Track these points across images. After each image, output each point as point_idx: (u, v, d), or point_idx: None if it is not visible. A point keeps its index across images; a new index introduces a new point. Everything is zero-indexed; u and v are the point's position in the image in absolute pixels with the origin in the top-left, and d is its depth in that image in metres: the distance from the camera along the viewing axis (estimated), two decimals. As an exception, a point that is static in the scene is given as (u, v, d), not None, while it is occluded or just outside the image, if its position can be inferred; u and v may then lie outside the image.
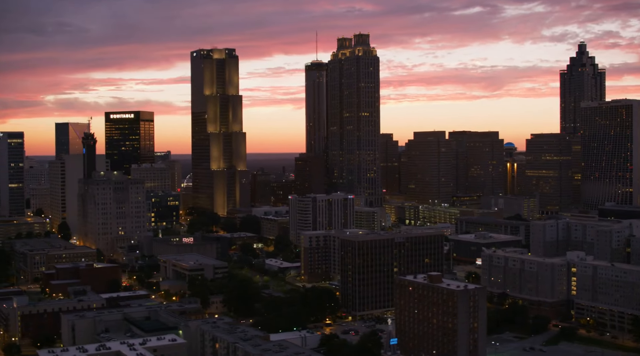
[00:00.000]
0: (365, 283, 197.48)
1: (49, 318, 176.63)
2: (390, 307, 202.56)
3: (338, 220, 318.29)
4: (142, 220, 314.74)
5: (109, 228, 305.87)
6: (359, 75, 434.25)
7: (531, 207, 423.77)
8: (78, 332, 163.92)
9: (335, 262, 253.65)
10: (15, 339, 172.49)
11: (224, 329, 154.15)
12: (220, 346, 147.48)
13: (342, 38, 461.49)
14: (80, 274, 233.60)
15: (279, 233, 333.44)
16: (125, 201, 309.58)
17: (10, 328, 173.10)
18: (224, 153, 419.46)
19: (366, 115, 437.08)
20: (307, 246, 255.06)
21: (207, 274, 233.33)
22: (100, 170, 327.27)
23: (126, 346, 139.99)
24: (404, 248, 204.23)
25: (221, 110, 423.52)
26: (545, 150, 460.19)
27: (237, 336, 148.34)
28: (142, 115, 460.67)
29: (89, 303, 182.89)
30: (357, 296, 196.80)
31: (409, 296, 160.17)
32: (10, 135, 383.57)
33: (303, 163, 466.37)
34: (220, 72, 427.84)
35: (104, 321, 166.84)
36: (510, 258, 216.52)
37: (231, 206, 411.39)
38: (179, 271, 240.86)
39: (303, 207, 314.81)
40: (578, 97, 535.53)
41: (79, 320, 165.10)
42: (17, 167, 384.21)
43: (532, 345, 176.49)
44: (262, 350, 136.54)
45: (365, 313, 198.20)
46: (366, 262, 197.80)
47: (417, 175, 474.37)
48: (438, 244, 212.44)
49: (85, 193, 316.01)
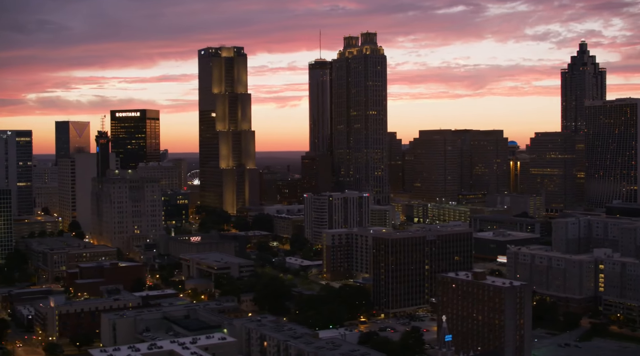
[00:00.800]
0: (398, 280, 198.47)
1: (85, 317, 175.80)
2: (422, 304, 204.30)
3: (353, 218, 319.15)
4: (158, 218, 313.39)
5: (124, 227, 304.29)
6: (367, 74, 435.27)
7: (537, 205, 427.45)
8: (119, 331, 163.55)
9: (357, 259, 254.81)
10: (53, 338, 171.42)
11: (270, 327, 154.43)
12: (269, 344, 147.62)
13: (349, 37, 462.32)
14: (104, 273, 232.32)
15: (293, 231, 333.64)
16: (141, 200, 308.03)
17: (48, 327, 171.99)
18: (233, 151, 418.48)
19: (374, 113, 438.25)
20: (329, 244, 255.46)
21: (233, 272, 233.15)
22: (111, 169, 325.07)
23: (177, 345, 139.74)
24: (434, 246, 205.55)
25: (230, 109, 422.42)
26: (550, 148, 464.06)
27: (286, 334, 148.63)
28: (148, 114, 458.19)
29: (125, 302, 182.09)
30: (390, 294, 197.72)
31: (452, 294, 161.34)
32: (19, 133, 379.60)
33: (310, 162, 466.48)
34: (229, 70, 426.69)
35: (145, 321, 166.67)
36: (537, 255, 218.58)
37: (240, 204, 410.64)
38: (204, 269, 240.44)
39: (319, 205, 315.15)
40: (579, 96, 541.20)
41: (119, 319, 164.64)
42: (26, 165, 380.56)
43: (566, 341, 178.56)
44: (316, 347, 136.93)
45: (398, 310, 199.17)
46: (399, 259, 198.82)
47: (423, 174, 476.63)
48: (467, 242, 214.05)
49: (100, 191, 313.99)
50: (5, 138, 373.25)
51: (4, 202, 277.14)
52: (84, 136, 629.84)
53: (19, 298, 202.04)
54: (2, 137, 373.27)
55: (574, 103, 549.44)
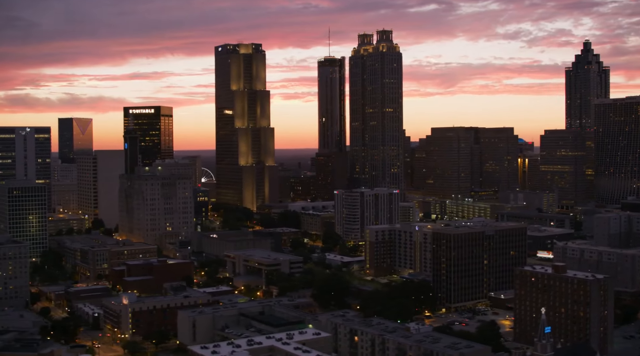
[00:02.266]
0: (459, 275, 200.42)
1: (157, 315, 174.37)
2: (481, 299, 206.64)
3: (384, 215, 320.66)
4: (189, 216, 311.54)
5: (157, 224, 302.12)
6: (384, 71, 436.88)
7: (550, 202, 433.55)
8: (198, 329, 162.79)
9: (401, 255, 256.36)
10: (126, 336, 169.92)
11: (359, 321, 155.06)
12: (362, 339, 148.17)
13: (364, 34, 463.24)
14: (153, 270, 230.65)
15: (322, 228, 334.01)
16: (173, 197, 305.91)
17: (122, 325, 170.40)
18: (253, 148, 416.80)
19: (390, 111, 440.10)
20: (372, 240, 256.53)
21: (283, 269, 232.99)
22: (140, 165, 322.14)
23: (274, 341, 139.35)
24: (492, 240, 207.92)
25: (249, 106, 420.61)
26: (561, 145, 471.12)
27: (378, 328, 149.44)
28: (162, 111, 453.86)
29: (195, 299, 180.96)
30: (452, 289, 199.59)
31: (530, 287, 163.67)
32: (38, 130, 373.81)
33: (325, 159, 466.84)
34: (247, 67, 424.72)
35: (223, 317, 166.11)
36: (586, 249, 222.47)
37: (260, 202, 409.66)
38: (253, 266, 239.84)
39: (351, 201, 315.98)
40: (584, 94, 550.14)
41: (199, 316, 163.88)
42: (44, 162, 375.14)
43: (630, 333, 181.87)
44: (417, 341, 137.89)
45: (459, 304, 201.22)
46: (460, 254, 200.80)
47: (436, 171, 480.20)
48: (521, 237, 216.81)
49: (130, 188, 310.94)
50: (24, 134, 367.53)
51: (39, 199, 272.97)
52: (87, 133, 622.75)
53: (77, 296, 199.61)
54: (21, 133, 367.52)
55: (579, 101, 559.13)
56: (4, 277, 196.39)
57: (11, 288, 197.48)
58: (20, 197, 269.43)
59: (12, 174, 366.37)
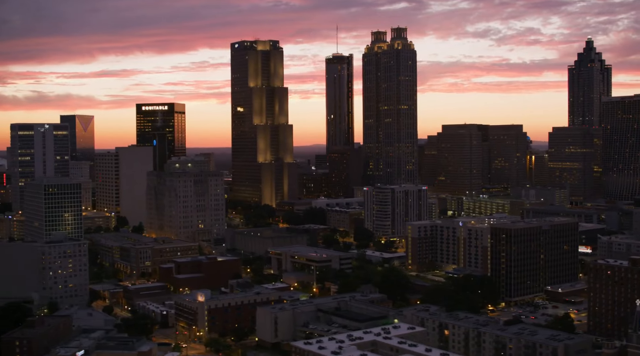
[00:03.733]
0: (519, 269, 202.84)
1: (232, 312, 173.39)
2: (538, 293, 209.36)
3: (413, 211, 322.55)
4: (220, 213, 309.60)
5: (190, 221, 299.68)
6: (399, 69, 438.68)
7: (562, 198, 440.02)
8: (280, 325, 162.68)
9: (443, 251, 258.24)
10: (202, 333, 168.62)
11: (446, 315, 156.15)
12: (453, 332, 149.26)
13: (377, 32, 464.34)
14: (202, 268, 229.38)
15: (351, 224, 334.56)
16: (205, 194, 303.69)
17: (198, 322, 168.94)
18: (271, 145, 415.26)
19: (405, 108, 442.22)
20: (415, 236, 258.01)
21: (334, 265, 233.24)
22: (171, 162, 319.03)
23: (372, 335, 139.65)
24: (548, 235, 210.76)
25: (267, 102, 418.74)
26: (570, 142, 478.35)
27: (469, 321, 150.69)
28: (176, 107, 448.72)
29: (267, 295, 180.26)
30: (512, 283, 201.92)
31: (606, 280, 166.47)
32: (56, 127, 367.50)
33: (340, 156, 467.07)
34: (265, 63, 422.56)
35: (304, 313, 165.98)
36: (633, 244, 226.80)
37: (279, 198, 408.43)
38: (302, 262, 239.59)
39: (382, 198, 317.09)
40: (587, 91, 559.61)
41: (280, 312, 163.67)
42: (63, 160, 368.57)
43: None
44: (516, 333, 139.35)
45: (518, 299, 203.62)
46: (519, 249, 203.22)
47: (448, 168, 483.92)
48: (573, 232, 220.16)
49: (161, 185, 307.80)
50: (43, 131, 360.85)
51: (73, 196, 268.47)
52: (88, 130, 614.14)
53: (138, 294, 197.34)
54: (40, 130, 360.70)
55: (582, 99, 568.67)
56: (64, 276, 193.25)
57: (71, 286, 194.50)
58: (56, 194, 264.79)
59: (30, 171, 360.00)
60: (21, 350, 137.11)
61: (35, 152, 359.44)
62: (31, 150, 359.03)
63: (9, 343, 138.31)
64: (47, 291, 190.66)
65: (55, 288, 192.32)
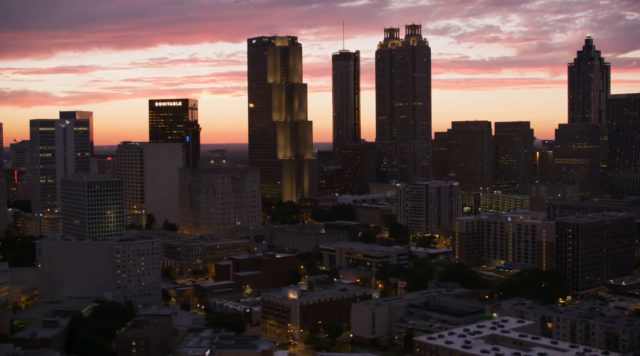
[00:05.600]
0: (585, 263, 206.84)
1: (322, 308, 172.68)
2: (601, 286, 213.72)
3: (445, 207, 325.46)
4: (257, 209, 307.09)
5: (227, 218, 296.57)
6: (415, 65, 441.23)
7: (572, 194, 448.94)
8: (378, 321, 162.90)
9: (490, 246, 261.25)
10: (294, 330, 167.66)
11: (545, 308, 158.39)
12: (557, 325, 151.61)
13: (391, 28, 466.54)
14: (261, 265, 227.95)
15: (382, 220, 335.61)
16: (242, 190, 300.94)
17: (291, 319, 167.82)
18: (291, 142, 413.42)
19: (420, 104, 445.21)
20: (462, 231, 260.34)
21: (392, 260, 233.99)
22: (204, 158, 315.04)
23: (488, 330, 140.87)
24: (609, 230, 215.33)
25: (286, 99, 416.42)
26: (577, 139, 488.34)
27: (573, 313, 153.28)
28: (190, 103, 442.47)
29: (353, 292, 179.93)
30: (580, 277, 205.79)
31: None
32: (77, 123, 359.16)
33: (354, 153, 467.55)
34: (284, 59, 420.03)
35: (399, 308, 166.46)
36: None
37: (300, 195, 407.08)
38: (358, 259, 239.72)
39: (416, 194, 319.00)
40: (586, 89, 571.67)
41: (377, 308, 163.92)
42: (84, 156, 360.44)
43: None
44: (625, 324, 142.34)
45: (584, 292, 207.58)
46: (585, 243, 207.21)
47: (459, 164, 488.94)
48: (630, 226, 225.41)
49: (197, 182, 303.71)
50: (63, 127, 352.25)
51: (116, 194, 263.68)
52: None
53: (212, 293, 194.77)
54: (61, 126, 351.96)
55: (581, 96, 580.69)
56: (137, 274, 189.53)
57: (144, 285, 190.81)
58: (98, 192, 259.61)
59: (52, 168, 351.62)
60: (138, 350, 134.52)
61: (56, 149, 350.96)
62: (52, 146, 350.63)
63: (125, 342, 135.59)
64: (120, 291, 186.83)
65: (130, 287, 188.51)
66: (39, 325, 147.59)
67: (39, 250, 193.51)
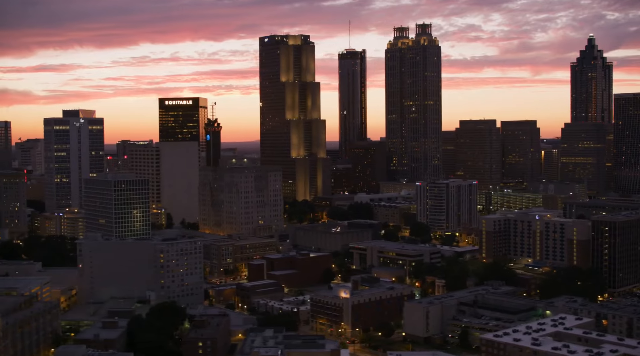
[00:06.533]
0: (622, 261, 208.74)
1: (372, 307, 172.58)
2: (636, 283, 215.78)
3: (465, 206, 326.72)
4: (279, 208, 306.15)
5: (250, 217, 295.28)
6: (426, 64, 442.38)
7: (580, 192, 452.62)
8: (432, 319, 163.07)
9: (517, 244, 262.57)
10: (347, 329, 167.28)
11: (597, 306, 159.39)
12: (614, 322, 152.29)
13: (400, 27, 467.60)
14: (295, 264, 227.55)
15: (401, 219, 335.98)
16: (264, 189, 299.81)
17: (344, 318, 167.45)
18: (304, 140, 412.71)
19: (431, 103, 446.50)
20: (489, 230, 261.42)
21: (425, 259, 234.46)
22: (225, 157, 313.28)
23: (550, 327, 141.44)
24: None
25: (299, 97, 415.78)
26: (584, 138, 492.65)
27: (629, 310, 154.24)
28: (201, 102, 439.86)
29: (400, 291, 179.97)
30: (616, 274, 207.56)
31: None
32: (91, 121, 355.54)
33: (364, 151, 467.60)
34: (297, 58, 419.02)
35: (451, 307, 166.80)
36: None
37: (313, 194, 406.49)
38: (390, 257, 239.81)
39: (437, 193, 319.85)
40: (589, 88, 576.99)
41: (431, 306, 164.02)
42: (98, 155, 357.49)
43: None
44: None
45: (620, 289, 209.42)
46: (622, 241, 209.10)
47: (468, 162, 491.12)
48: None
49: (219, 181, 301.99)
50: (78, 126, 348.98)
51: (142, 193, 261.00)
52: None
53: (254, 292, 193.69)
54: (75, 124, 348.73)
55: (584, 95, 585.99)
56: (180, 274, 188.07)
57: (186, 284, 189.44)
58: (125, 191, 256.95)
59: (66, 167, 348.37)
60: (204, 350, 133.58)
61: (71, 147, 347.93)
62: (67, 145, 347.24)
63: (191, 343, 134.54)
64: (164, 291, 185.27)
65: (173, 287, 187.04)
66: (97, 326, 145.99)
67: (80, 250, 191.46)
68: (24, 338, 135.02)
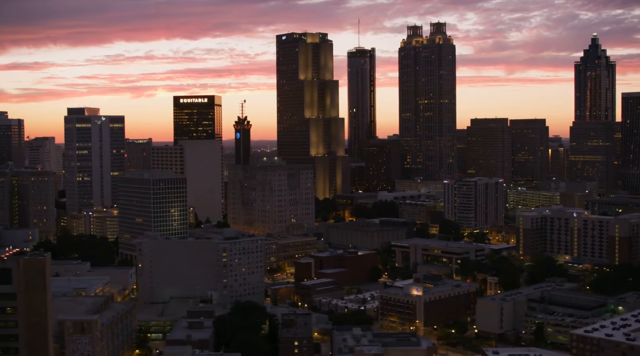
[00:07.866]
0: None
1: (442, 304, 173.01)
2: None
3: (492, 203, 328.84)
4: (311, 207, 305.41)
5: (283, 215, 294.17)
6: (441, 63, 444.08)
7: (591, 190, 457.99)
8: (505, 315, 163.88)
9: (554, 241, 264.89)
10: (420, 327, 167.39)
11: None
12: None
13: (414, 26, 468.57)
14: (345, 262, 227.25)
15: (427, 216, 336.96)
16: (297, 187, 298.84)
17: (416, 316, 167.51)
18: (324, 139, 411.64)
19: (446, 101, 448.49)
20: (527, 227, 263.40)
21: (471, 256, 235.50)
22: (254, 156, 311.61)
23: (634, 322, 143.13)
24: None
25: (318, 95, 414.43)
26: (592, 136, 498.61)
27: None
28: (216, 100, 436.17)
29: (466, 289, 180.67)
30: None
31: None
32: (112, 119, 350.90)
33: (378, 150, 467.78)
34: (315, 56, 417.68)
35: (522, 303, 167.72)
36: None
37: (333, 192, 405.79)
38: (434, 255, 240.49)
39: (466, 190, 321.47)
40: (592, 87, 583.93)
41: (505, 303, 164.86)
42: (119, 153, 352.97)
43: None
44: None
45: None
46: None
47: (479, 161, 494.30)
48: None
49: (251, 179, 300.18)
50: (99, 124, 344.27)
51: (179, 191, 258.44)
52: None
53: (315, 291, 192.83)
54: (97, 123, 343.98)
55: (588, 94, 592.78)
56: (242, 273, 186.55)
57: (248, 283, 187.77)
58: (164, 190, 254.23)
59: (88, 166, 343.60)
60: (300, 350, 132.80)
61: (93, 146, 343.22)
62: (88, 143, 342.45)
63: (287, 343, 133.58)
64: (227, 290, 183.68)
65: (235, 286, 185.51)
66: (182, 326, 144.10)
67: (140, 249, 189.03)
68: (114, 339, 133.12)
